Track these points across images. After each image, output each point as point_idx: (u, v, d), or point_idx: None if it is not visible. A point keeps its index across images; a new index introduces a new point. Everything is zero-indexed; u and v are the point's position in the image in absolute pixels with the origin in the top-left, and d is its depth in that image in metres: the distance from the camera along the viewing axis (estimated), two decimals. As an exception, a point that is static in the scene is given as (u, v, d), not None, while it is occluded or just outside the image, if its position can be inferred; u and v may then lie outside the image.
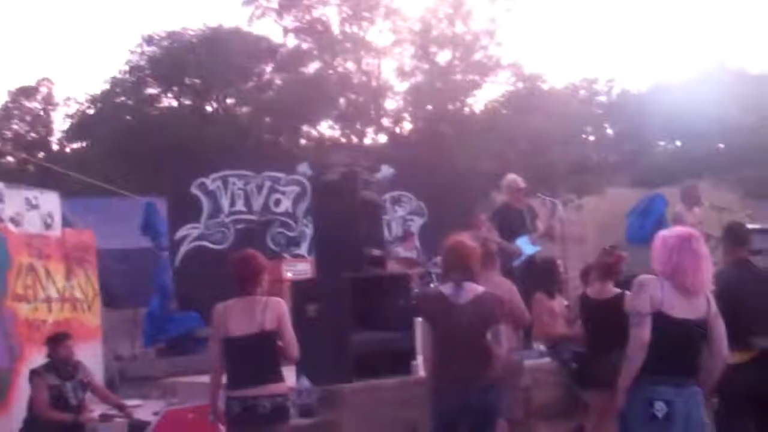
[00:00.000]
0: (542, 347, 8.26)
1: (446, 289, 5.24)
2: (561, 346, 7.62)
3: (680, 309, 4.38)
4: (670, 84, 29.38)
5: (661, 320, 4.36)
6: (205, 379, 9.25)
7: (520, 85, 30.86)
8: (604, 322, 6.14)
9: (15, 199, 8.87)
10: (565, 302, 8.28)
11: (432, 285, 12.29)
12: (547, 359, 7.89)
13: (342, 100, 30.01)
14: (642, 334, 4.38)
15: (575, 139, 29.13)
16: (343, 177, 7.84)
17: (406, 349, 7.44)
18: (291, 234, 14.49)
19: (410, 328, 7.61)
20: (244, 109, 30.24)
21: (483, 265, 6.51)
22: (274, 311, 5.26)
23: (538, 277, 8.20)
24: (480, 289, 5.30)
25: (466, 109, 31.12)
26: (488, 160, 24.04)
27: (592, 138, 32.34)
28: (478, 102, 31.78)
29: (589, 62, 71.06)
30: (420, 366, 7.25)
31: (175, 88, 29.73)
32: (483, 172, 22.54)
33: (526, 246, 9.37)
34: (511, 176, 10.13)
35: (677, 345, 4.39)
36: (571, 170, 26.55)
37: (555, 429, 7.51)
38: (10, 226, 8.72)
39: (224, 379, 5.41)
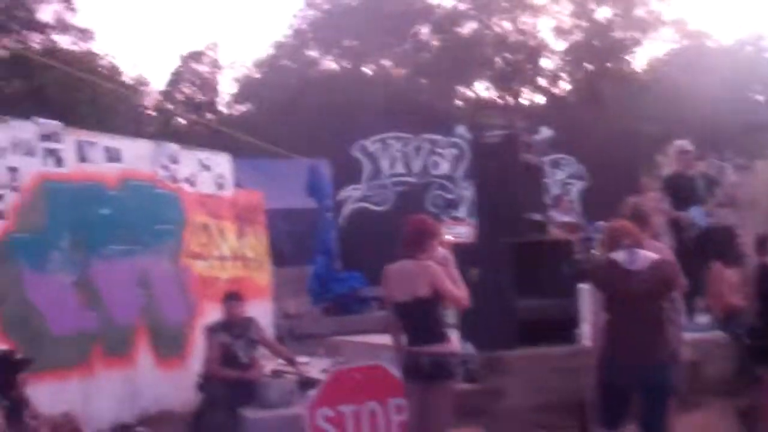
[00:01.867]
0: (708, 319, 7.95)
1: (619, 255, 5.08)
2: (735, 319, 7.30)
3: None
4: None
5: None
6: (369, 338, 9.56)
7: (685, 42, 29.48)
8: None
9: (189, 160, 9.21)
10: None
11: (593, 251, 12.04)
12: (718, 332, 7.58)
13: (498, 60, 29.61)
14: None
15: (743, 98, 27.59)
16: (503, 140, 7.75)
17: (570, 317, 7.33)
18: (449, 196, 14.52)
19: (573, 295, 7.50)
20: (401, 71, 30.32)
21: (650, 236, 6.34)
22: (426, 278, 5.31)
23: (716, 246, 7.81)
24: (654, 255, 5.13)
25: (627, 68, 30.02)
26: (651, 122, 23.17)
27: (760, 97, 30.56)
28: (638, 60, 30.61)
29: (756, 16, 66.87)
30: (584, 335, 7.17)
31: (335, 51, 30.14)
32: (646, 134, 21.79)
33: (699, 216, 8.93)
34: (679, 142, 9.70)
35: None
36: (740, 131, 25.24)
37: (725, 405, 7.22)
38: (185, 187, 9.07)
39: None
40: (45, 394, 6.78)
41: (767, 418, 6.50)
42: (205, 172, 9.41)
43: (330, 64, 30.92)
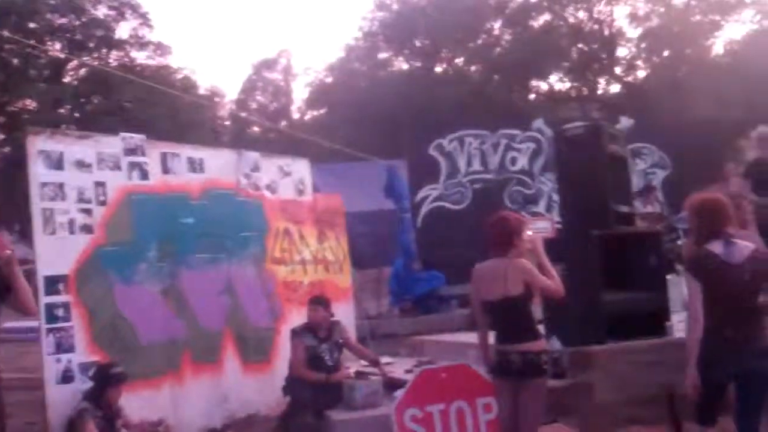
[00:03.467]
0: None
1: (716, 247, 4.92)
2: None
3: None
4: None
5: None
6: (450, 337, 9.52)
7: (766, 23, 28.60)
8: None
9: (270, 167, 9.30)
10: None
11: (679, 242, 11.77)
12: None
13: (573, 51, 29.24)
14: None
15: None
16: (587, 131, 7.63)
17: (660, 310, 7.19)
18: (528, 191, 14.38)
19: (663, 287, 7.34)
20: (474, 68, 30.20)
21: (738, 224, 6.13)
22: (518, 276, 5.27)
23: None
24: (751, 246, 4.97)
25: (706, 53, 29.29)
26: (734, 107, 22.56)
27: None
28: (718, 44, 29.84)
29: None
30: (675, 327, 7.01)
31: (406, 51, 30.21)
32: (728, 120, 21.21)
33: None
34: (763, 128, 9.41)
35: None
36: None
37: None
38: (267, 193, 9.17)
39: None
40: (136, 403, 6.94)
41: None
42: (285, 179, 9.50)
43: (401, 64, 30.99)
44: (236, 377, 8.22)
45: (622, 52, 30.33)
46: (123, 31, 28.11)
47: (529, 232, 5.74)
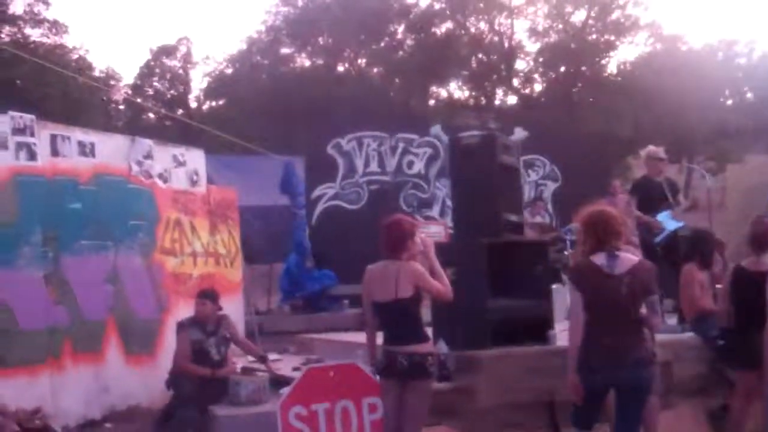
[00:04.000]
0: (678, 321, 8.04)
1: (599, 259, 5.09)
2: (707, 321, 7.36)
3: None
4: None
5: None
6: (340, 336, 9.54)
7: (658, 46, 29.73)
8: (758, 296, 5.87)
9: (163, 156, 9.15)
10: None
11: (566, 252, 12.11)
12: (689, 334, 7.65)
13: (473, 61, 29.73)
14: None
15: (714, 103, 27.90)
16: (482, 140, 7.76)
17: (543, 318, 7.38)
18: (423, 195, 14.54)
19: (547, 296, 7.54)
20: (375, 70, 30.36)
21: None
22: (408, 278, 5.33)
23: (691, 248, 7.86)
24: (635, 258, 5.17)
25: (601, 71, 30.24)
26: (623, 124, 23.39)
27: (730, 102, 30.93)
28: (612, 64, 30.85)
29: (728, 23, 67.73)
30: (557, 335, 7.22)
31: (308, 48, 30.13)
32: (618, 137, 21.97)
33: (668, 221, 9.08)
34: (652, 148, 9.83)
35: None
36: (710, 136, 25.53)
37: (696, 406, 7.30)
38: (159, 182, 9.02)
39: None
40: (13, 391, 6.73)
41: (737, 419, 6.55)
42: (179, 168, 9.36)
43: (304, 61, 30.89)
44: (118, 368, 8.07)
45: (520, 65, 31.06)
46: (17, 6, 27.14)
47: (422, 235, 5.80)
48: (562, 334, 7.07)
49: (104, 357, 7.94)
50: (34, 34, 27.48)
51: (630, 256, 5.13)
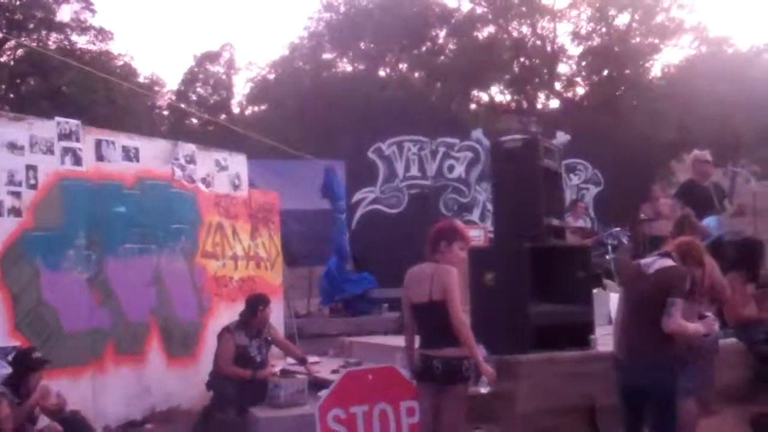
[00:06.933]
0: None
1: (646, 259, 5.18)
2: (751, 328, 7.25)
3: None
4: None
5: None
6: (379, 340, 9.56)
7: (703, 49, 29.29)
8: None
9: (206, 160, 9.26)
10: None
11: (607, 257, 12.01)
12: (733, 339, 7.52)
13: (515, 65, 29.57)
14: None
15: (760, 106, 27.41)
16: (524, 144, 7.71)
17: (585, 323, 7.31)
18: (463, 200, 14.49)
19: (588, 301, 7.48)
20: (417, 74, 30.33)
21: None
22: (441, 281, 5.28)
23: (738, 256, 7.72)
24: (669, 262, 5.17)
25: (645, 74, 29.87)
26: (667, 128, 23.07)
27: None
28: (656, 67, 30.45)
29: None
30: (597, 340, 7.16)
31: (350, 53, 30.19)
32: (662, 141, 21.72)
33: (715, 225, 8.93)
34: (698, 152, 9.69)
35: None
36: (756, 139, 25.09)
37: (739, 412, 7.18)
38: (201, 187, 9.11)
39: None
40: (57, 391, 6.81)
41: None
42: (221, 172, 9.46)
43: (345, 66, 30.96)
44: (159, 370, 8.16)
45: (562, 68, 30.77)
46: (64, 13, 27.57)
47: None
48: (603, 338, 7.02)
49: (146, 358, 8.04)
50: (81, 41, 27.92)
51: (667, 260, 5.21)
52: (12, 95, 26.63)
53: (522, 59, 29.76)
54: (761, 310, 7.13)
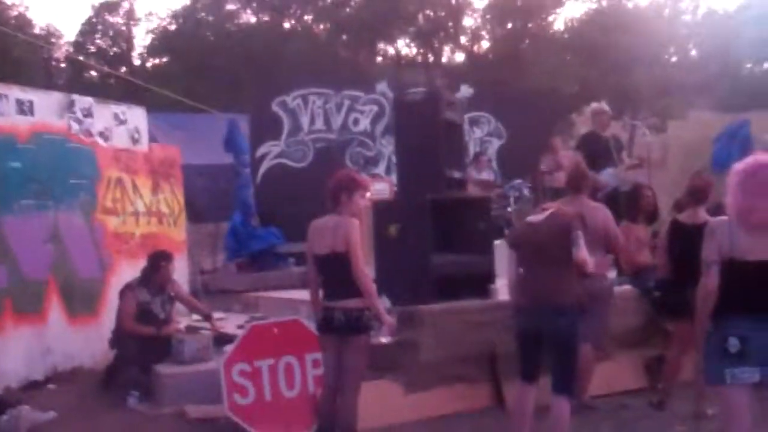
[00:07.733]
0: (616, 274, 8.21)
1: (530, 217, 5.38)
2: (645, 274, 7.52)
3: (756, 251, 4.06)
4: (760, 3, 27.98)
5: (733, 266, 4.11)
6: (286, 294, 9.57)
7: (605, 3, 29.81)
8: (694, 248, 5.95)
9: (104, 114, 9.02)
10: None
11: (509, 209, 12.24)
12: (627, 286, 7.80)
13: (420, 17, 29.54)
14: (707, 282, 4.15)
15: (659, 60, 28.11)
16: (425, 97, 7.78)
17: (485, 273, 7.49)
18: (369, 153, 14.55)
19: (489, 251, 7.65)
20: (322, 26, 30.02)
21: (576, 188, 6.53)
22: (343, 233, 5.29)
23: (629, 203, 7.97)
24: (556, 209, 5.52)
25: (547, 28, 30.27)
26: (569, 82, 23.50)
27: (674, 59, 31.19)
28: (559, 21, 30.88)
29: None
30: (498, 290, 7.33)
31: (254, 4, 29.64)
32: (564, 94, 22.08)
33: (611, 177, 9.21)
34: (596, 104, 9.93)
35: (755, 284, 4.05)
36: (655, 93, 25.76)
37: (634, 357, 7.48)
38: (99, 141, 8.90)
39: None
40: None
41: (673, 369, 6.73)
42: (120, 126, 9.25)
43: (249, 17, 30.40)
44: (60, 329, 8.01)
45: (468, 21, 30.90)
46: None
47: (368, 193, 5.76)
48: (503, 288, 7.19)
49: (46, 317, 7.88)
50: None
51: (556, 210, 5.47)
52: None
53: (427, 11, 29.74)
54: (655, 256, 7.38)
